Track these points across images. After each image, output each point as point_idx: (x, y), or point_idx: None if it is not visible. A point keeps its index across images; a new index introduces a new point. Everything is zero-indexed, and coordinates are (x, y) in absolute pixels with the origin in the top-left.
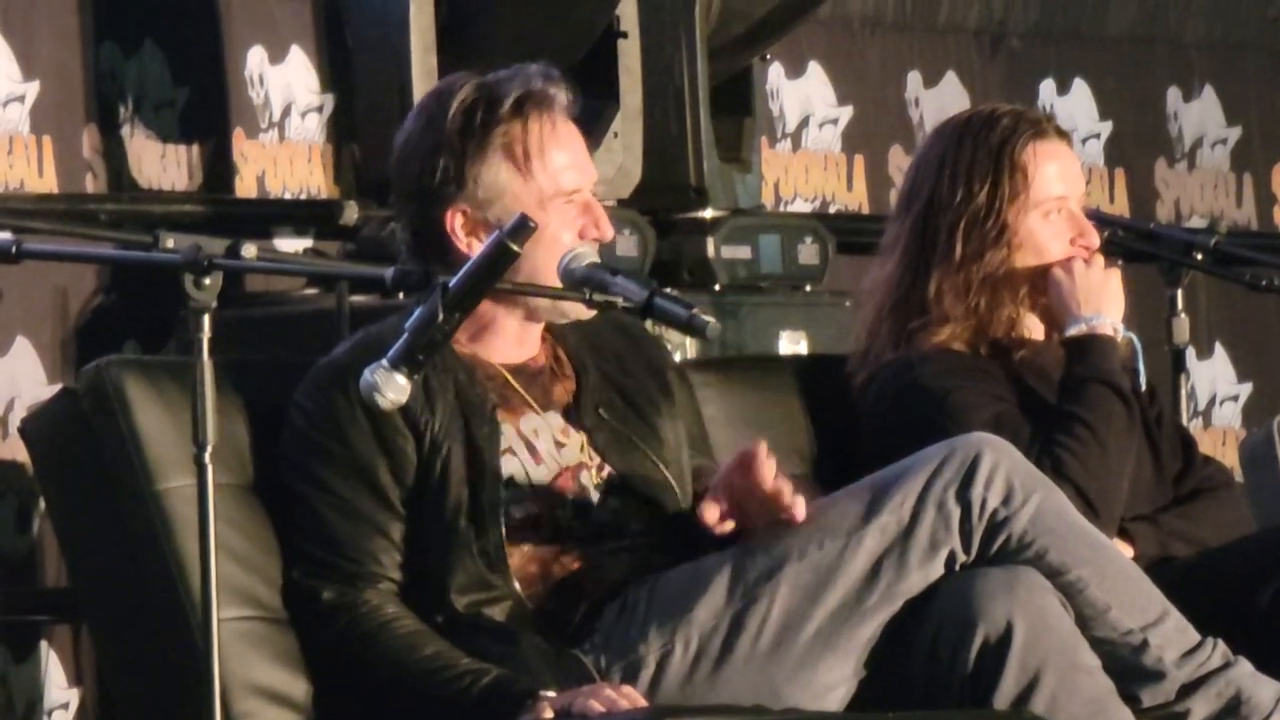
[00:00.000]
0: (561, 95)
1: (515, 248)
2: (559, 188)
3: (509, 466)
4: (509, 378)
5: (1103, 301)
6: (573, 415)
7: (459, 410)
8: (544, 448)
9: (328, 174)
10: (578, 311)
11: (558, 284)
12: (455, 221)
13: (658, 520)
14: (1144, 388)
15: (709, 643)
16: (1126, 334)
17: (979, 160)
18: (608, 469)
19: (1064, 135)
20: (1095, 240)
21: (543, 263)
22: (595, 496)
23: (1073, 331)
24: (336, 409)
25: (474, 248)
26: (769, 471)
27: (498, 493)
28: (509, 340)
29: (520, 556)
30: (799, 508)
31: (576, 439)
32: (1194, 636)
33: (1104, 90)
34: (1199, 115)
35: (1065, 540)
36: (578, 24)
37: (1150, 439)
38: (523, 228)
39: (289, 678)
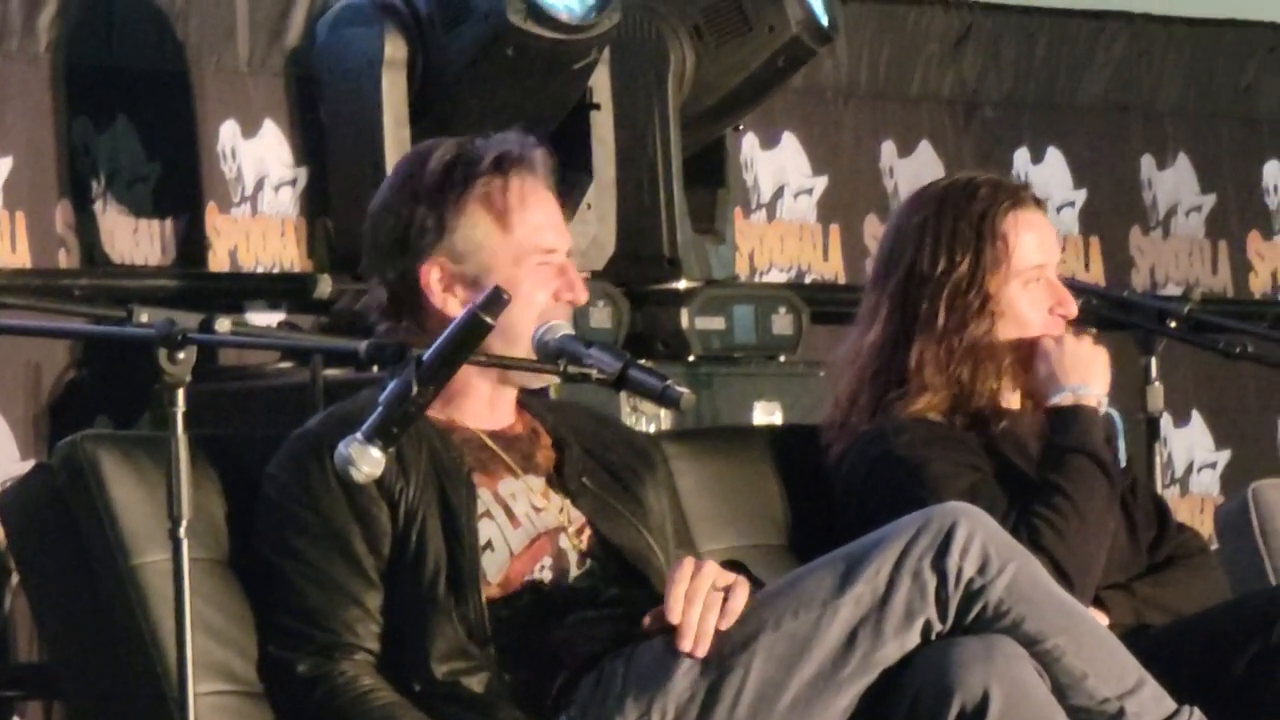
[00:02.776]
0: (540, 158)
1: (489, 320)
2: (536, 245)
3: (486, 531)
4: (486, 440)
5: (1090, 374)
6: (555, 481)
7: (434, 476)
8: (521, 511)
9: (301, 248)
10: (550, 380)
11: (530, 341)
12: (431, 275)
13: (639, 587)
14: (1124, 464)
15: (685, 713)
16: (1108, 410)
17: (960, 230)
18: (588, 533)
19: (1040, 204)
20: (1073, 309)
21: (516, 320)
22: (573, 560)
23: (1058, 400)
24: (310, 480)
25: (449, 303)
26: (676, 591)
27: (476, 558)
28: (483, 405)
29: (498, 624)
30: (687, 642)
31: (556, 503)
32: (1170, 705)
33: (1078, 158)
34: (1173, 183)
35: (1041, 609)
36: (551, 96)
37: (1125, 507)
38: (496, 300)
39: None
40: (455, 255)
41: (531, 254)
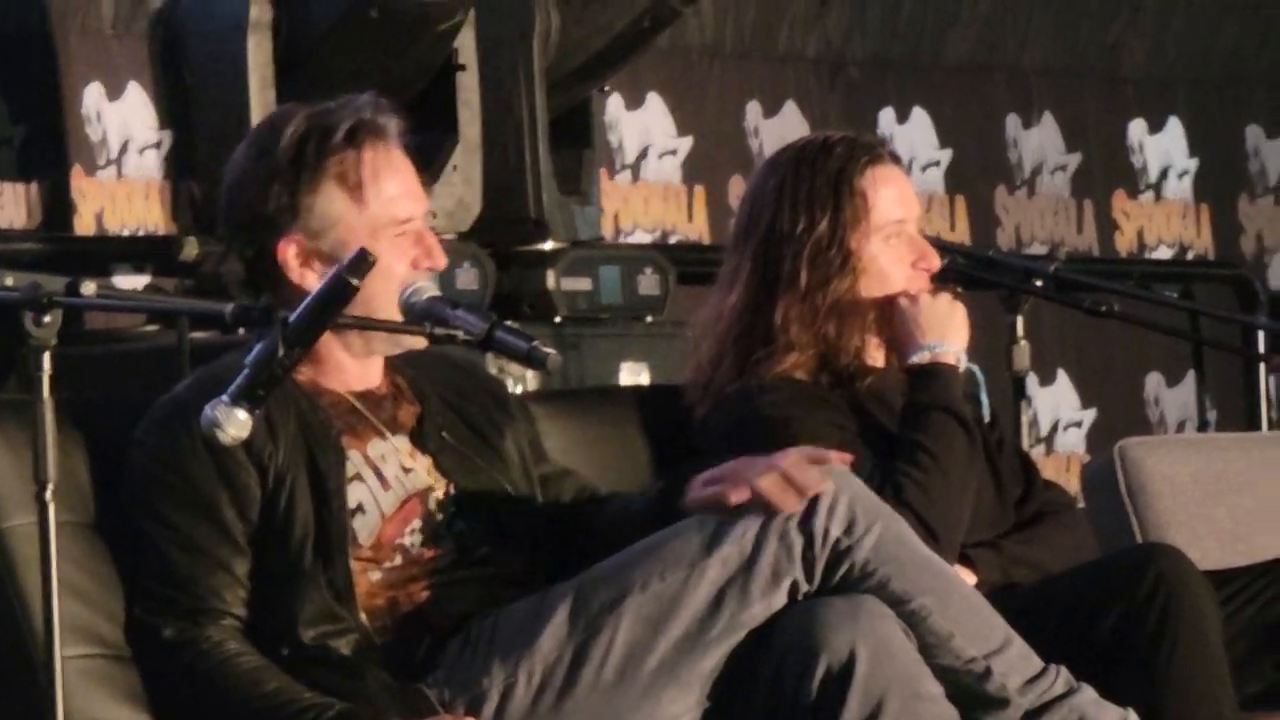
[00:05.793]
0: (393, 124)
1: (354, 282)
2: (392, 216)
3: (356, 494)
4: (354, 403)
5: (947, 330)
6: (418, 438)
7: (302, 440)
8: (391, 473)
9: (166, 210)
10: (415, 343)
11: (392, 314)
12: (288, 251)
13: (506, 540)
14: (987, 419)
15: (552, 674)
16: (969, 365)
17: (818, 188)
18: (454, 491)
19: (896, 159)
20: (936, 262)
21: (377, 293)
22: (443, 520)
23: (916, 359)
24: (178, 444)
25: (307, 278)
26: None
27: (345, 522)
28: (350, 369)
29: (368, 585)
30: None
31: (423, 462)
32: (1037, 664)
33: (943, 118)
34: (1038, 142)
35: (907, 569)
36: (416, 58)
37: (992, 465)
38: (361, 262)
39: (133, 715)
40: (311, 232)
41: (388, 226)
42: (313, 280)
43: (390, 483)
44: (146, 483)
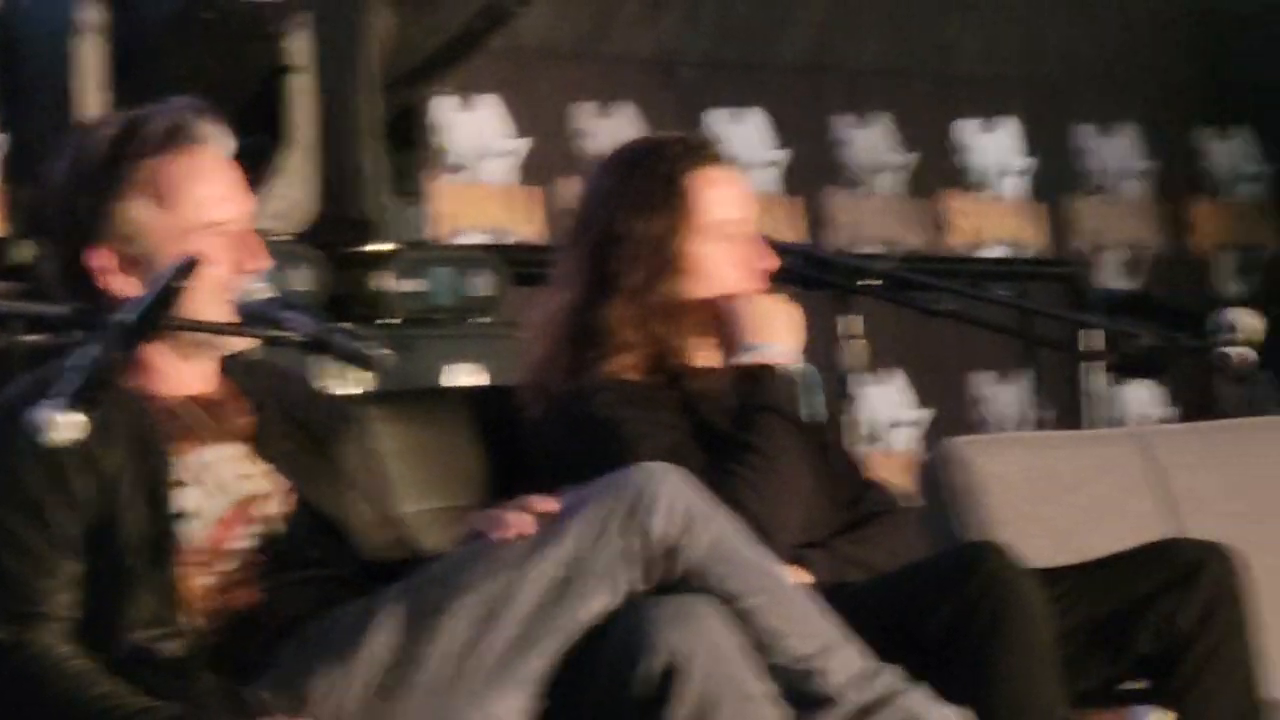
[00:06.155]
0: (207, 127)
1: (180, 285)
2: (205, 220)
3: (190, 498)
4: (186, 408)
5: (777, 331)
6: (254, 446)
7: (132, 445)
8: (222, 479)
9: (2, 213)
10: (247, 344)
11: (216, 316)
12: (101, 258)
13: (342, 548)
14: (819, 419)
15: (384, 676)
16: (802, 365)
17: (651, 189)
18: (290, 498)
19: (730, 160)
20: (769, 262)
21: (200, 296)
22: (275, 526)
23: (746, 359)
24: (7, 447)
25: (121, 284)
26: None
27: (172, 526)
28: (182, 374)
29: (201, 589)
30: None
31: (258, 469)
32: (869, 663)
33: (778, 118)
34: (872, 142)
35: (740, 568)
36: (250, 60)
37: (823, 465)
38: (188, 266)
39: None
40: (122, 239)
41: (201, 230)
42: (126, 286)
43: (221, 488)
44: None
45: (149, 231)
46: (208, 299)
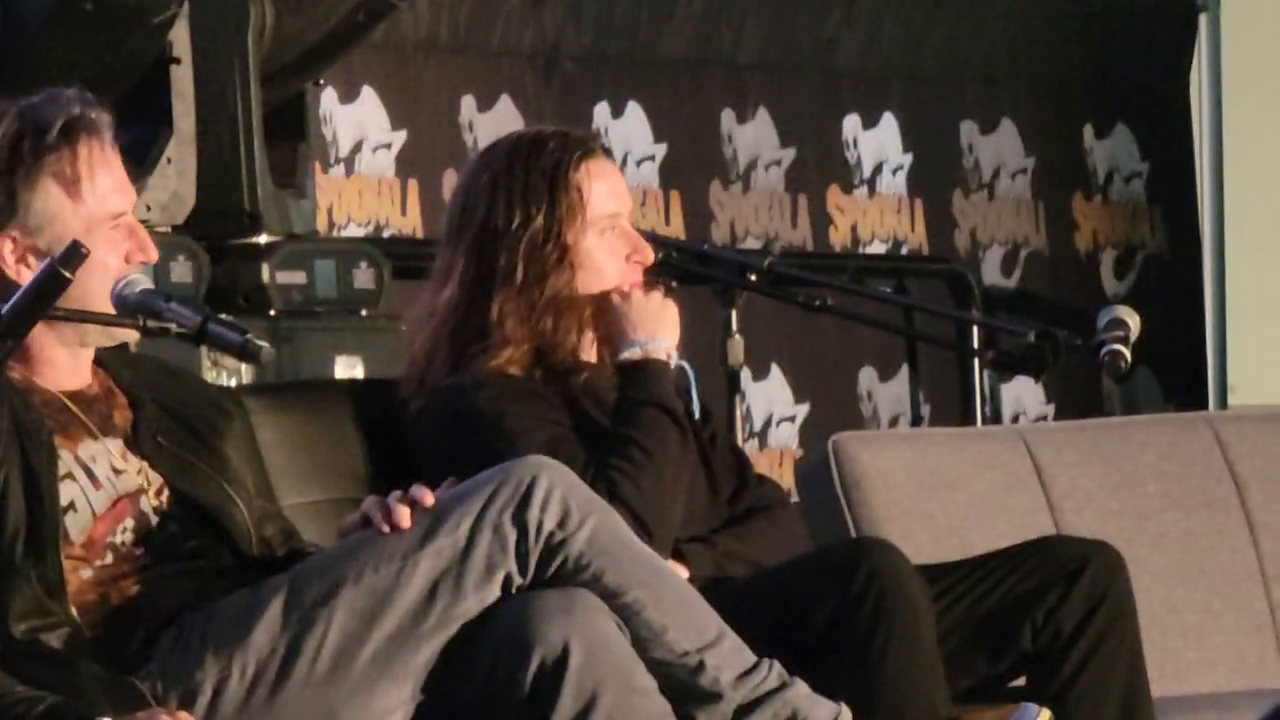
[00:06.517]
0: (104, 118)
1: (67, 274)
2: (107, 212)
3: (68, 492)
4: (66, 403)
5: (658, 326)
6: (132, 442)
7: (15, 437)
8: (102, 474)
9: None
10: (128, 335)
11: (106, 307)
12: (4, 249)
13: (222, 542)
14: (698, 415)
15: (265, 668)
16: (680, 362)
17: (533, 183)
18: (168, 493)
19: (609, 153)
20: (649, 256)
21: (92, 287)
22: (155, 521)
23: (627, 355)
24: None
25: (23, 275)
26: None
27: (56, 519)
28: (62, 367)
29: (79, 583)
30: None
31: (135, 464)
32: (750, 658)
33: (659, 112)
34: (753, 137)
35: (621, 562)
36: (131, 51)
37: (704, 460)
38: (75, 254)
39: None
40: (28, 229)
41: (102, 221)
42: (28, 276)
43: (101, 483)
44: None
45: (55, 221)
46: (96, 290)
